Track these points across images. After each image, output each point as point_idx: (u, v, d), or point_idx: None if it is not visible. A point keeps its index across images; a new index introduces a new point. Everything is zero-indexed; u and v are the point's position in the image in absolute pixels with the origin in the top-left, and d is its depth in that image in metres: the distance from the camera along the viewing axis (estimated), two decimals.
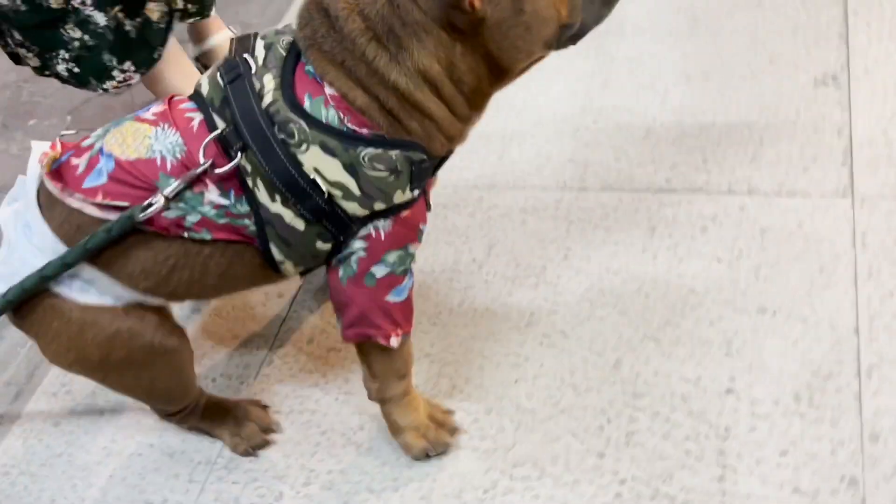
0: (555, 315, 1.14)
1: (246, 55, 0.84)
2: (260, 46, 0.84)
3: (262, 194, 0.84)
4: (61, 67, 1.53)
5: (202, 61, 1.82)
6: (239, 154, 0.82)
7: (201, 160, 0.82)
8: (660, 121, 1.40)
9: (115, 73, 1.54)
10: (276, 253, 0.88)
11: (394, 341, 0.91)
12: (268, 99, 0.81)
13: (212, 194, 0.84)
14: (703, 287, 1.12)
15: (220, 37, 1.76)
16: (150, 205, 0.82)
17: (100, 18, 1.48)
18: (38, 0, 1.42)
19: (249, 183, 0.84)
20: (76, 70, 1.53)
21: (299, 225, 0.86)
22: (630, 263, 1.18)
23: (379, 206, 0.85)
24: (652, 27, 1.60)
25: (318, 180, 0.82)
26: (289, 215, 0.85)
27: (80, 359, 0.90)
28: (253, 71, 0.83)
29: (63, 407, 1.22)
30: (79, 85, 1.57)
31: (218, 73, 0.85)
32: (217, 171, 0.83)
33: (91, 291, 0.87)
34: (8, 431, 1.21)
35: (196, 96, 0.87)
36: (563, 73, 1.55)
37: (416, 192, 0.87)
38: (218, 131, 0.83)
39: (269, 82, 0.81)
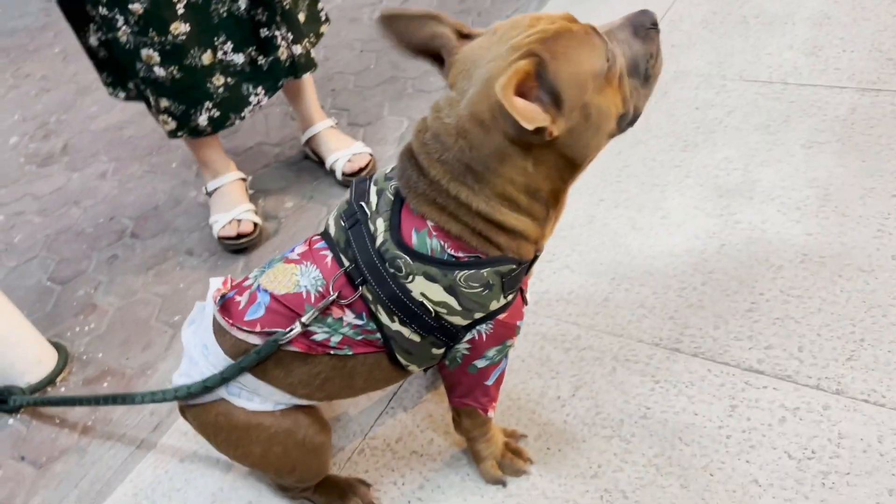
0: (620, 473, 1.22)
1: (362, 202, 1.01)
2: (373, 192, 1.01)
3: (383, 316, 1.01)
4: (202, 118, 1.81)
5: (309, 145, 2.13)
6: (361, 287, 1.00)
7: (332, 292, 1.00)
8: (766, 297, 1.43)
9: (251, 98, 1.87)
10: (401, 360, 1.06)
11: (491, 413, 1.16)
12: (379, 240, 0.98)
13: (348, 317, 1.02)
14: (767, 480, 1.16)
15: (322, 125, 2.11)
16: (291, 330, 1.01)
17: (239, 59, 1.81)
18: (190, 63, 1.71)
19: (372, 308, 1.01)
20: (217, 115, 1.82)
21: (416, 338, 1.03)
22: (703, 438, 1.24)
23: (478, 315, 1.01)
24: (781, 196, 1.62)
25: (426, 303, 0.99)
26: (407, 332, 1.02)
27: (245, 453, 1.10)
28: (368, 215, 1.00)
29: (189, 447, 1.44)
30: (215, 130, 1.85)
31: (341, 219, 1.03)
32: (342, 301, 1.00)
33: (255, 399, 1.07)
34: (143, 458, 1.44)
35: (326, 236, 1.05)
36: (685, 226, 1.63)
37: (511, 296, 1.02)
38: (343, 269, 1.00)
39: (380, 225, 0.98)
